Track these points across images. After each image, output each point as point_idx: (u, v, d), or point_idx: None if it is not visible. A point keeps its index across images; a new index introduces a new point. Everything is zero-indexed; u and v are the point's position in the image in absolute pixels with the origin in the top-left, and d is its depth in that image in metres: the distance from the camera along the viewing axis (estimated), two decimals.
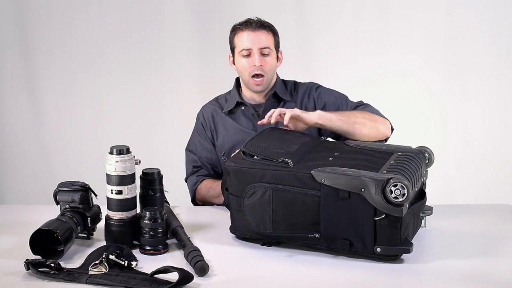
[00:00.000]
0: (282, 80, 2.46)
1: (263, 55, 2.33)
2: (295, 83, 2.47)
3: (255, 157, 1.89)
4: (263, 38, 2.33)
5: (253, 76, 2.34)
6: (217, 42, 3.75)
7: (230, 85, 2.50)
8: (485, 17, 3.72)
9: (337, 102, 2.38)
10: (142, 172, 1.98)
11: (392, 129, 2.30)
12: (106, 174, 1.88)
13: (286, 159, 1.83)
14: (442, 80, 3.79)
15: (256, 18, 2.36)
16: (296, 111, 2.11)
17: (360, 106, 2.36)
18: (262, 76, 2.33)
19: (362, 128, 2.17)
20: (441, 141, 3.66)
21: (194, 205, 2.41)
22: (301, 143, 1.99)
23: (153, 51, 3.81)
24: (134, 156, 1.89)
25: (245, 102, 2.43)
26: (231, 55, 2.42)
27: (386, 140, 2.29)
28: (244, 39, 2.33)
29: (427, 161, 2.00)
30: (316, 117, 2.13)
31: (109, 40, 3.79)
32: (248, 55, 2.33)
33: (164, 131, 3.85)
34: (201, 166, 2.41)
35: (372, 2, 3.74)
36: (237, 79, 2.47)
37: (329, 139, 2.23)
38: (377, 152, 1.96)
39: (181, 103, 3.78)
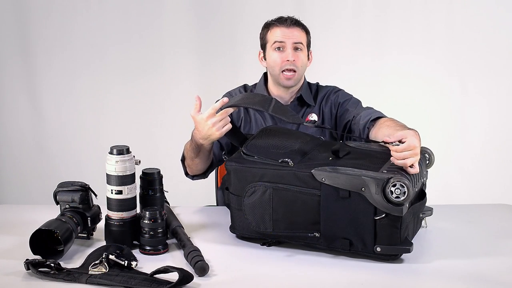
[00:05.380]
0: (308, 82, 2.46)
1: (296, 50, 2.32)
2: (317, 86, 2.47)
3: (255, 157, 1.89)
4: (297, 34, 2.33)
5: (283, 71, 2.32)
6: (217, 42, 3.76)
7: (230, 85, 2.50)
8: (485, 16, 3.72)
9: (347, 104, 2.37)
10: (142, 172, 1.98)
11: None
12: (106, 174, 1.88)
13: (286, 159, 1.83)
14: (442, 80, 3.79)
15: (292, 16, 2.36)
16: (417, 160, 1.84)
17: (375, 112, 2.27)
18: (293, 71, 2.32)
19: None
20: (441, 141, 3.66)
21: (186, 175, 2.33)
22: (302, 143, 1.99)
23: (153, 51, 3.81)
24: (134, 156, 1.89)
25: None
26: (262, 51, 2.41)
27: None
28: (278, 34, 2.32)
29: (427, 162, 2.01)
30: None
31: (109, 40, 3.79)
32: (281, 49, 2.32)
33: (164, 131, 3.85)
34: None
35: (372, 2, 3.74)
36: (265, 75, 2.45)
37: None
38: (378, 152, 1.96)
39: (181, 103, 3.77)
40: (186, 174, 2.34)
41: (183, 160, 2.30)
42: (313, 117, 2.35)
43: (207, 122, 2.01)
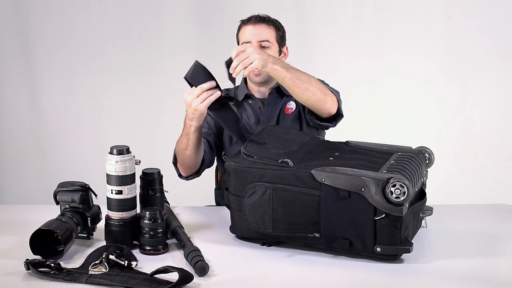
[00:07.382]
0: None
1: (262, 47, 2.35)
2: None
3: (255, 157, 1.89)
4: (263, 32, 2.37)
5: None
6: (217, 42, 3.76)
7: (230, 85, 2.50)
8: (485, 16, 3.72)
9: None
10: (142, 172, 1.98)
11: (341, 114, 2.28)
12: (106, 174, 1.88)
13: (286, 160, 1.83)
14: (442, 80, 3.79)
15: (260, 14, 2.40)
16: (257, 66, 2.05)
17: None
18: None
19: (311, 96, 2.15)
20: (441, 141, 3.66)
21: (178, 175, 2.35)
22: (301, 143, 1.99)
23: (153, 51, 3.81)
24: (134, 156, 1.89)
25: (253, 96, 2.47)
26: None
27: (332, 119, 2.27)
28: (246, 33, 2.38)
29: (427, 161, 2.01)
30: (270, 69, 2.08)
31: (109, 40, 3.80)
32: None
33: (164, 131, 3.84)
34: None
35: (372, 2, 3.74)
36: None
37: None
38: (377, 152, 1.96)
39: (181, 102, 3.74)
40: (180, 176, 2.35)
41: (175, 162, 2.33)
42: (291, 104, 2.42)
43: (189, 96, 2.10)
